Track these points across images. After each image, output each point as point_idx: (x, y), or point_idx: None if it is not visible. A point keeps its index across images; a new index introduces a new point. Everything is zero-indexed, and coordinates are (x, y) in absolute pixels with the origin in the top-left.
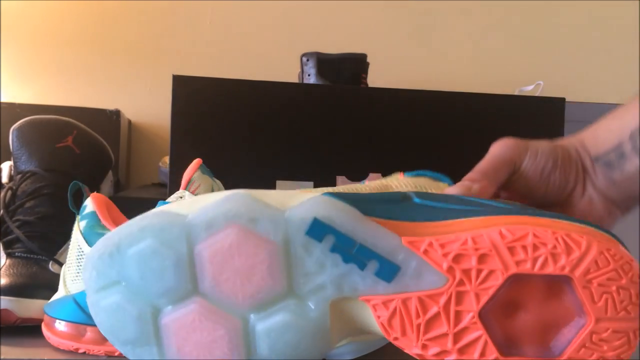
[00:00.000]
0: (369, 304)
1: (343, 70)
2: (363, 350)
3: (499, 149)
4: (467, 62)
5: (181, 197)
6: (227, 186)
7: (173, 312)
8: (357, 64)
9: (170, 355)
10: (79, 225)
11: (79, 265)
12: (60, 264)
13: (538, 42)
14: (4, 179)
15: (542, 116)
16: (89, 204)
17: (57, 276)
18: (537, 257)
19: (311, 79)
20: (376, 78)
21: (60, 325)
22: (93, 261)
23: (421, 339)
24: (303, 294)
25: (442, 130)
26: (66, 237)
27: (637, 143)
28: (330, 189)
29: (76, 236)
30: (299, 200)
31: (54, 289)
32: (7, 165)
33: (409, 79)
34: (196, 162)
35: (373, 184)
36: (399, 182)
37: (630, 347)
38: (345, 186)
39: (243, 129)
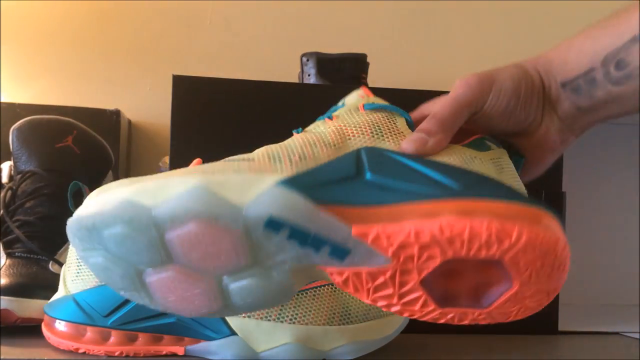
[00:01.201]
0: (326, 271)
1: (343, 70)
2: (363, 350)
3: (462, 90)
4: (467, 62)
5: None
6: None
7: (154, 273)
8: (357, 64)
9: (158, 302)
10: None
11: (79, 265)
12: (60, 264)
13: (538, 42)
14: (4, 179)
15: None
16: None
17: (57, 276)
18: (471, 247)
19: (311, 79)
20: (376, 78)
21: (60, 325)
22: (73, 230)
23: (371, 296)
24: (267, 266)
25: None
26: (66, 237)
27: (610, 69)
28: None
29: None
30: (255, 193)
31: (54, 289)
32: (7, 165)
33: (409, 79)
34: (196, 162)
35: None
36: (354, 123)
37: (549, 298)
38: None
39: (243, 129)
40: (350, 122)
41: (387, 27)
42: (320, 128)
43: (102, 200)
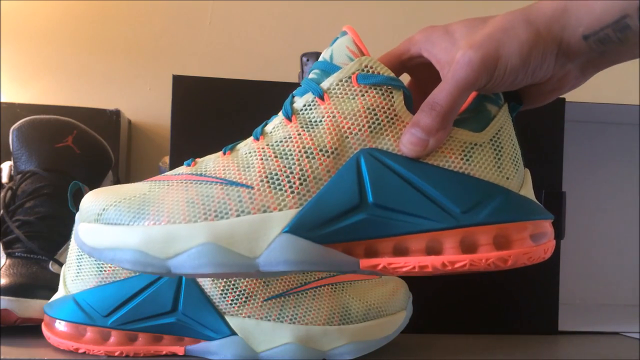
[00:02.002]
0: None
1: None
2: (363, 350)
3: (464, 72)
4: None
5: None
6: None
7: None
8: None
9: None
10: None
11: (79, 265)
12: (60, 264)
13: None
14: (4, 179)
15: (542, 116)
16: None
17: (57, 276)
18: (471, 270)
19: None
20: None
21: (60, 325)
22: (92, 255)
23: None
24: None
25: None
26: (66, 237)
27: None
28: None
29: None
30: (264, 245)
31: (54, 289)
32: (7, 165)
33: (408, 79)
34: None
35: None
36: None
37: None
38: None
39: (243, 129)
40: (344, 108)
41: (387, 27)
42: (313, 114)
43: (115, 241)
